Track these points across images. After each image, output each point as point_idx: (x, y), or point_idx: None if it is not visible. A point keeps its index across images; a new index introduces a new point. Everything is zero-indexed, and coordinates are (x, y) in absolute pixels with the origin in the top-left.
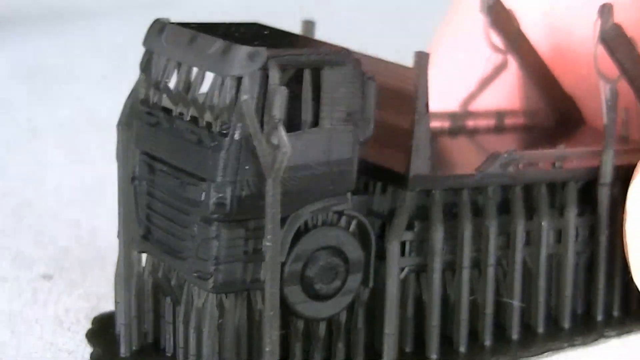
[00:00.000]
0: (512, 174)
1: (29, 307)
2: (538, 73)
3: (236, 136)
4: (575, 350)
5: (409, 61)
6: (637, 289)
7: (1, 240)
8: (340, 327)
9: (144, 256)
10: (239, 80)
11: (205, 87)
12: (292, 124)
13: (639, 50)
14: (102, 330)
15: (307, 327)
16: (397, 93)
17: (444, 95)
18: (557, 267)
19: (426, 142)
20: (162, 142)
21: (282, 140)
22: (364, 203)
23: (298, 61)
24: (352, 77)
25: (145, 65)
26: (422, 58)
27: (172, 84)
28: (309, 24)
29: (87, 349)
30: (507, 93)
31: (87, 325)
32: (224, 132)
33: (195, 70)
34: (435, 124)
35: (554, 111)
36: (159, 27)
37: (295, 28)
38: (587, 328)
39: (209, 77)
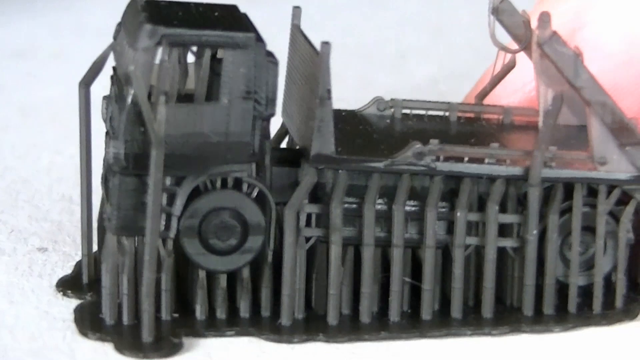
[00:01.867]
0: (428, 164)
1: (25, 279)
2: None
3: (130, 101)
4: (485, 338)
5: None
6: (568, 290)
7: None
8: (243, 282)
9: None
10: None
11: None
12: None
13: (583, 59)
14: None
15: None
16: (314, 77)
17: None
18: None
19: (329, 124)
20: (113, 103)
21: (159, 109)
22: (289, 174)
23: (195, 41)
24: (253, 59)
25: (115, 35)
26: (325, 47)
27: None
28: (296, 10)
29: None
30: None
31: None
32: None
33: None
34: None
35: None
36: (129, 3)
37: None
38: (506, 321)
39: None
